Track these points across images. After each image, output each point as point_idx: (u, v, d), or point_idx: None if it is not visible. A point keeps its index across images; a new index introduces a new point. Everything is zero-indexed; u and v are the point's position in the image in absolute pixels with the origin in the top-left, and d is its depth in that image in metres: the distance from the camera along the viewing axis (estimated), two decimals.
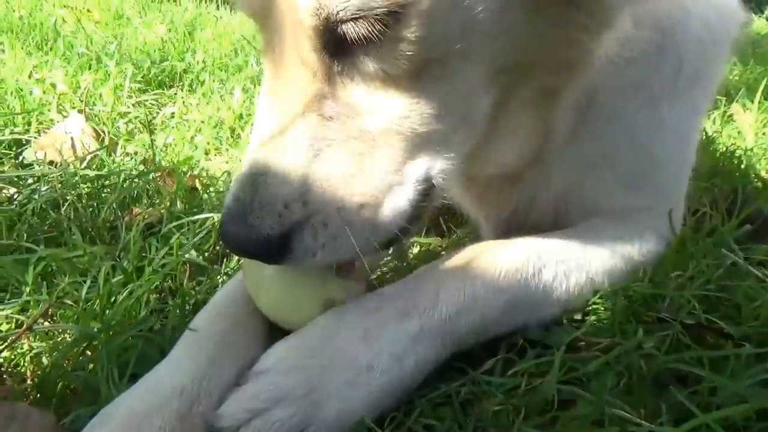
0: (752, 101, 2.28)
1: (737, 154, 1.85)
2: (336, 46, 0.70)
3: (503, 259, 0.87)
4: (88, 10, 3.24)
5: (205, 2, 3.92)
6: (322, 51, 0.71)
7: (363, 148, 0.74)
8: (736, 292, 0.93)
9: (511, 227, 1.05)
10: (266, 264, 0.76)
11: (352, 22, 0.66)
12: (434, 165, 0.78)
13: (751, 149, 1.92)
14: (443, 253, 1.22)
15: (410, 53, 0.69)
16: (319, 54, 0.71)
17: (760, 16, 6.18)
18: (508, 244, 0.92)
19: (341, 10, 0.65)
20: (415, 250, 1.22)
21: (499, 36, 0.73)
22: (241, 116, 2.02)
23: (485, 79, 0.77)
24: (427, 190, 0.79)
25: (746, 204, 1.12)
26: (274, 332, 0.82)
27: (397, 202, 0.76)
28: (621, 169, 1.02)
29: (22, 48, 2.32)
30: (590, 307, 0.93)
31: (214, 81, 2.34)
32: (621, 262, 0.97)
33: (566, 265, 0.91)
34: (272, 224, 0.70)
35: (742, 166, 1.77)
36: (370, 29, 0.66)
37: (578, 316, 0.92)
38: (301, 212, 0.71)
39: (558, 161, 0.99)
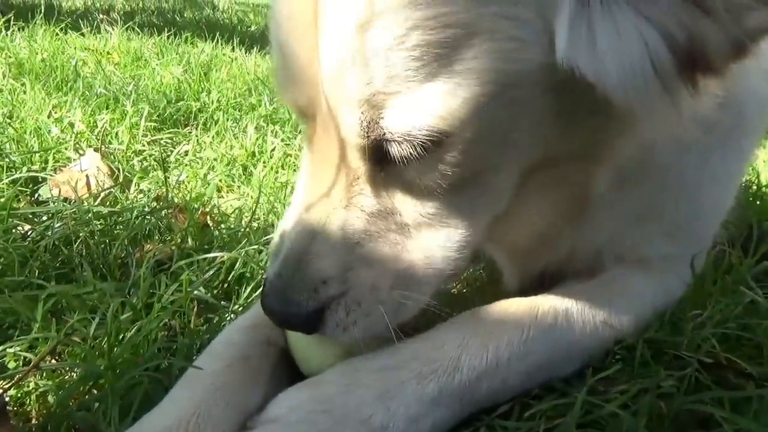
0: (766, 138, 2.26)
1: (752, 191, 1.83)
2: (380, 158, 0.73)
3: (530, 321, 0.85)
4: (108, 53, 3.33)
5: (221, 44, 4.01)
6: (366, 161, 0.75)
7: (399, 239, 0.79)
8: (756, 331, 0.90)
9: (544, 277, 1.03)
10: None
11: (396, 144, 0.70)
12: (462, 242, 0.80)
13: (766, 186, 1.90)
14: (454, 291, 1.20)
15: (448, 172, 0.73)
16: (363, 162, 0.75)
17: None
18: (537, 302, 0.89)
19: (387, 133, 0.69)
20: None
21: (530, 148, 0.76)
22: (253, 154, 2.04)
23: (514, 179, 0.80)
24: (456, 263, 0.81)
25: (762, 241, 1.10)
26: (275, 375, 0.81)
27: (428, 279, 0.80)
28: (666, 221, 1.01)
29: (42, 89, 2.37)
30: (611, 357, 0.91)
31: (228, 120, 2.37)
32: (647, 313, 0.96)
33: (593, 323, 0.89)
34: (310, 300, 0.75)
35: (758, 203, 1.75)
36: (412, 151, 0.70)
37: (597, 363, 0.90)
38: (336, 290, 0.76)
39: (600, 218, 0.97)
